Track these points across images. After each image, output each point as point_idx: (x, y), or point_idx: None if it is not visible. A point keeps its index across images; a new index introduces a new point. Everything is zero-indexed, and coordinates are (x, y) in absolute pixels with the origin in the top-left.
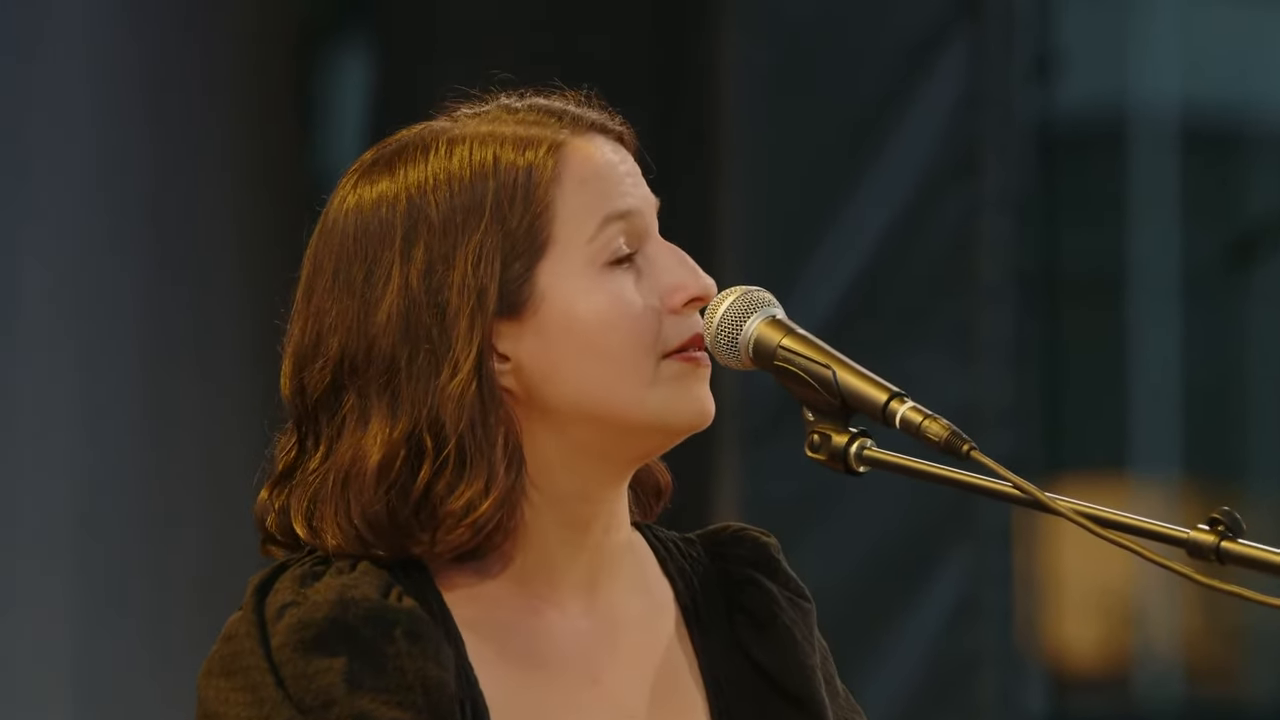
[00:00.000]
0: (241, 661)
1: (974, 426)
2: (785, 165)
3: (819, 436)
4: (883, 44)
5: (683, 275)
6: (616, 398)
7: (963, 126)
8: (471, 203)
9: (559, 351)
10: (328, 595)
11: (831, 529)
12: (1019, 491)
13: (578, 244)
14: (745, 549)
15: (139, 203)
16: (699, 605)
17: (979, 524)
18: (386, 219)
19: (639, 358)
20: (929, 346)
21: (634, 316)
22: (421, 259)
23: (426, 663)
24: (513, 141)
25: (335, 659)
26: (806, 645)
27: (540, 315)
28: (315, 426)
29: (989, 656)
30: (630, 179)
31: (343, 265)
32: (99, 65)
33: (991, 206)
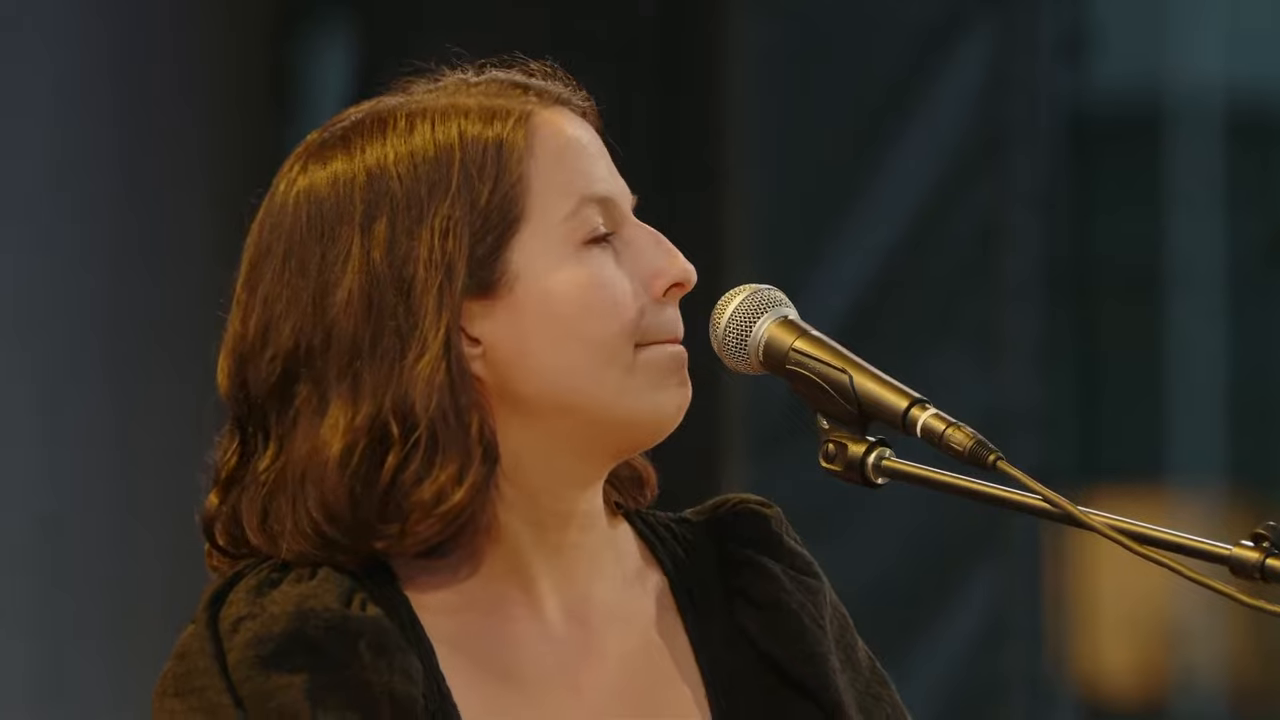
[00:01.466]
0: (196, 681)
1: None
2: (797, 155)
3: (834, 446)
4: (901, 23)
5: (662, 259)
6: (593, 385)
7: (987, 112)
8: (437, 175)
9: (534, 332)
10: (285, 606)
11: (847, 545)
12: (1049, 504)
13: (553, 220)
14: (745, 526)
15: (106, 201)
16: (694, 591)
17: (1006, 540)
18: (344, 196)
19: (618, 343)
20: (952, 349)
21: (614, 299)
22: (384, 234)
23: (393, 676)
24: (478, 113)
25: (295, 675)
26: (816, 630)
27: (514, 294)
28: (264, 423)
29: (1017, 682)
30: (603, 161)
31: (295, 247)
32: (61, 53)
33: (1018, 199)
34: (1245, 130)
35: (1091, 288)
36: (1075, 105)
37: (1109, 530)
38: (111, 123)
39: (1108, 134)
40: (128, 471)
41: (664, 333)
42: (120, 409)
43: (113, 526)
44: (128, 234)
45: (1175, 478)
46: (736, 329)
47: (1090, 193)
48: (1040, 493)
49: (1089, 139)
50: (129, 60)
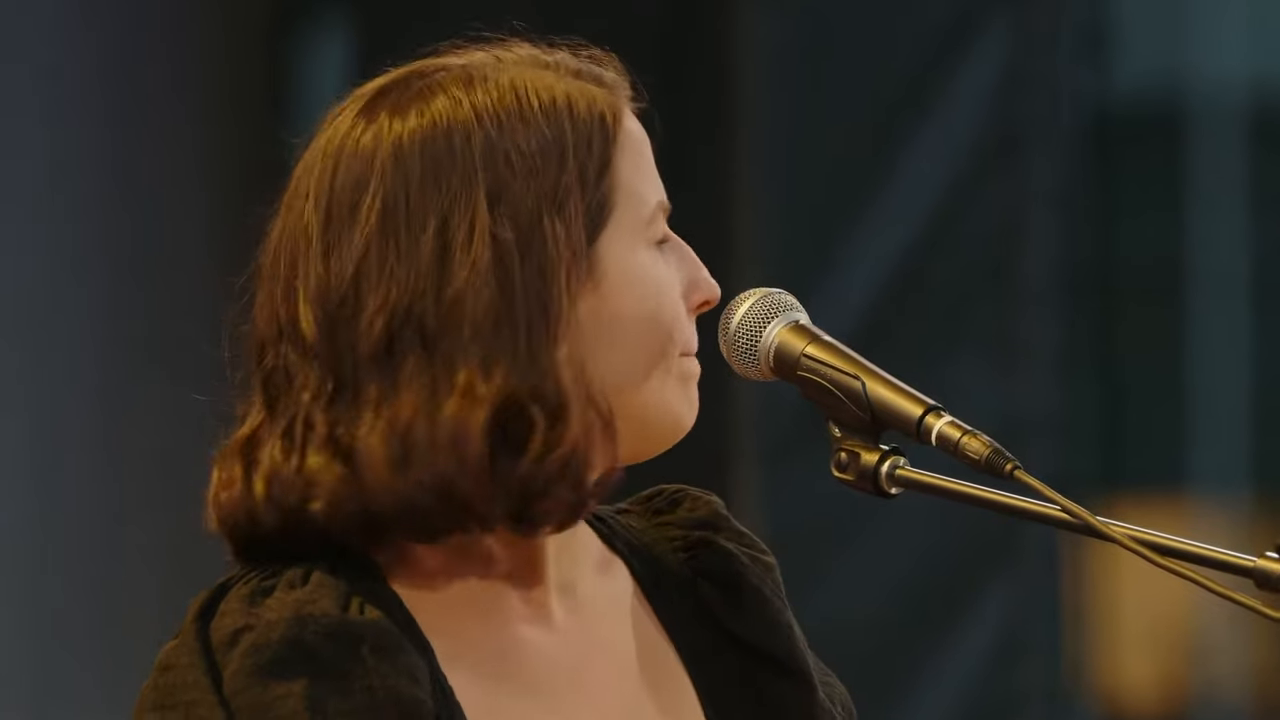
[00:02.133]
0: (183, 695)
1: (1018, 442)
2: (808, 155)
3: (846, 454)
4: (916, 20)
5: (699, 273)
6: (645, 379)
7: (1004, 112)
8: (556, 151)
9: (612, 323)
10: (282, 613)
11: (860, 556)
12: (1067, 515)
13: (637, 217)
14: (688, 509)
15: (100, 202)
16: (658, 576)
17: (1023, 551)
18: (462, 154)
19: (670, 343)
20: (968, 354)
21: (674, 299)
22: (514, 205)
23: (399, 680)
24: (574, 91)
25: (294, 683)
26: (778, 602)
27: (601, 287)
28: (359, 380)
29: (1035, 697)
30: None
31: (402, 201)
32: (54, 52)
33: (1037, 199)
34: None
35: (1111, 291)
36: (1095, 104)
37: (1129, 541)
38: (105, 123)
39: (1128, 133)
40: (120, 474)
41: (692, 344)
42: (114, 410)
43: (103, 529)
44: (122, 235)
45: (1198, 487)
46: (746, 334)
47: (1110, 194)
48: (1059, 502)
49: (1109, 138)
50: (123, 59)
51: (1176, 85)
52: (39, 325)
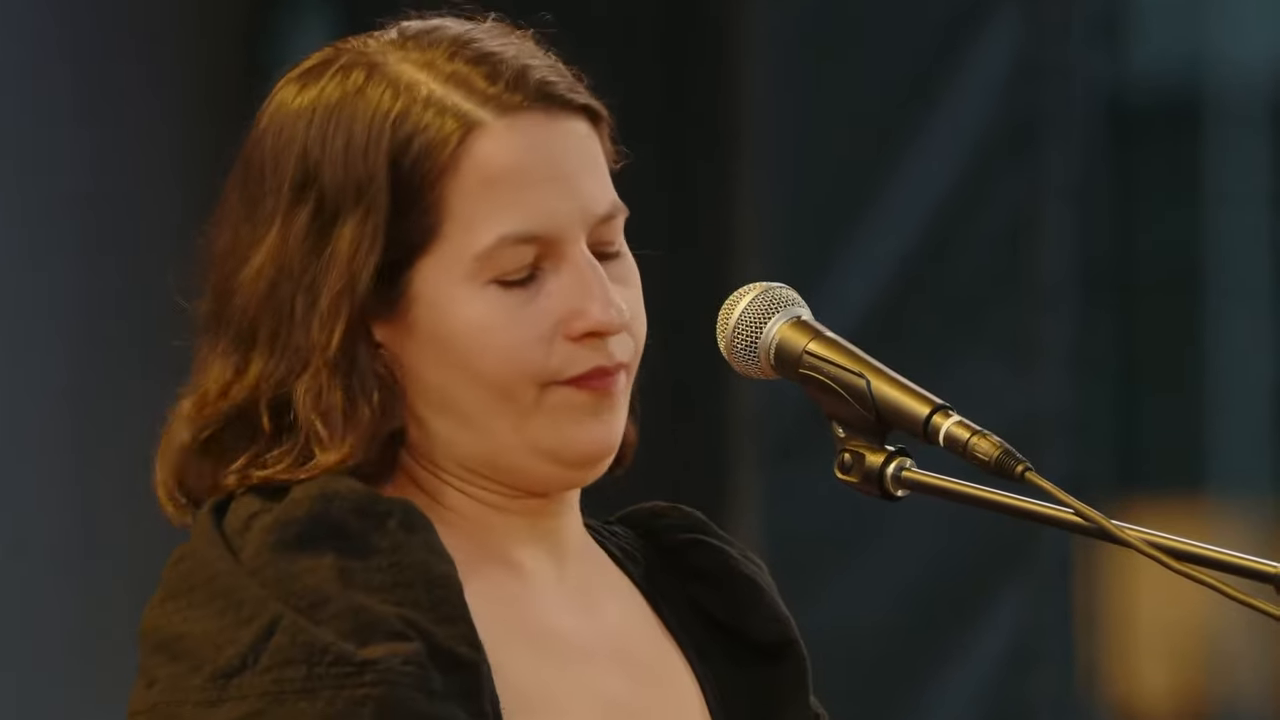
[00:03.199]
0: (203, 573)
1: (1030, 443)
2: (814, 145)
3: (851, 456)
4: (924, 9)
5: (582, 301)
6: (486, 421)
7: (1017, 102)
8: (364, 173)
9: (427, 360)
10: (308, 492)
11: (866, 562)
12: (1082, 518)
13: (463, 251)
14: (673, 519)
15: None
16: (655, 581)
17: (1036, 556)
18: (280, 159)
19: (513, 385)
20: (979, 353)
21: (510, 343)
22: (304, 224)
23: (428, 555)
24: (425, 104)
25: (323, 556)
26: (773, 593)
27: (410, 317)
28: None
29: (1048, 706)
30: (558, 184)
31: (245, 180)
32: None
33: (1051, 192)
34: None
35: (1128, 287)
36: (1110, 93)
37: (1145, 545)
38: (78, 120)
39: (1145, 123)
40: (92, 472)
41: (576, 368)
42: (86, 409)
43: (75, 528)
44: (95, 233)
45: (1217, 489)
46: (746, 330)
47: (1127, 187)
48: (1072, 505)
49: (1125, 129)
50: (96, 56)
51: (1195, 72)
52: (11, 324)
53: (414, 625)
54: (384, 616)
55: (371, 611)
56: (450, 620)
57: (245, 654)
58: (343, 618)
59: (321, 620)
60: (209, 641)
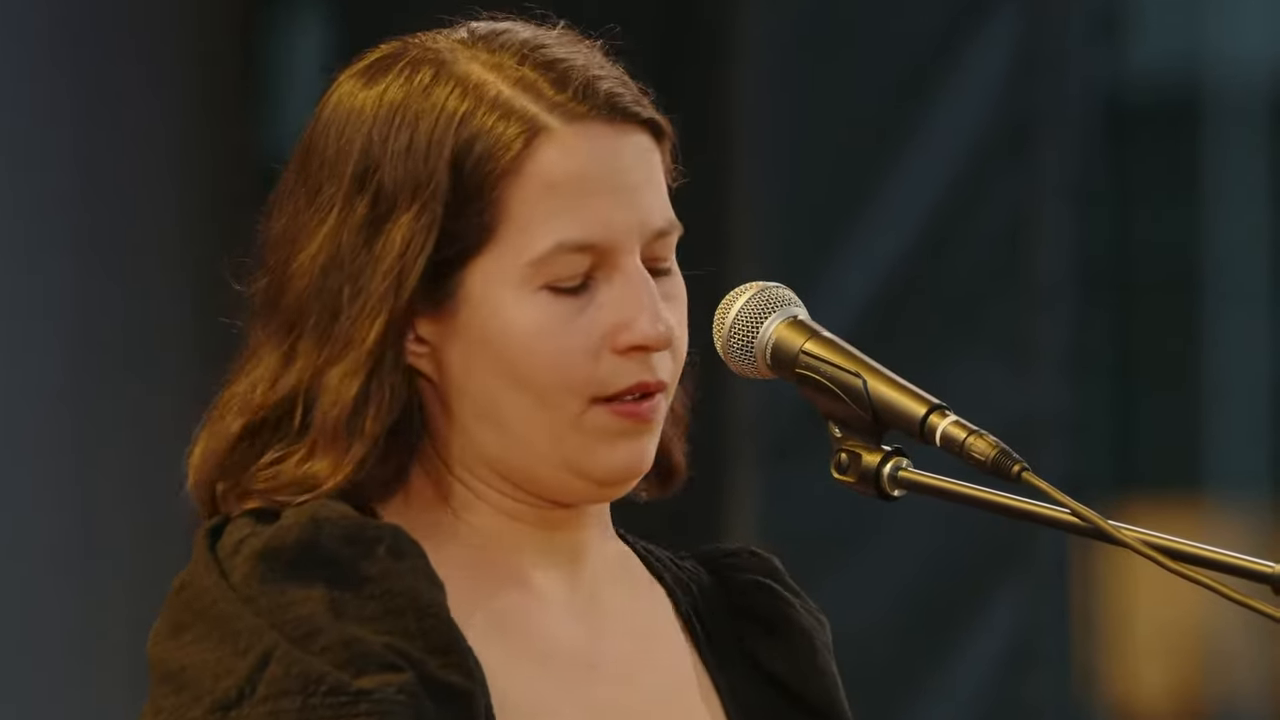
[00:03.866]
0: (200, 602)
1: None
2: (810, 144)
3: (847, 456)
4: (921, 6)
5: (632, 314)
6: (528, 431)
7: (1015, 99)
8: (424, 169)
9: (474, 356)
10: (298, 518)
11: (863, 563)
12: (1078, 519)
13: (519, 255)
14: (745, 560)
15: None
16: (700, 613)
17: (1033, 557)
18: (345, 152)
19: (559, 396)
20: (977, 352)
21: (559, 351)
22: (361, 215)
23: (417, 582)
24: (491, 105)
25: (313, 588)
26: (826, 654)
27: (460, 317)
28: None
29: (1045, 708)
30: (618, 194)
31: (302, 174)
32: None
33: (1049, 191)
34: None
35: (1126, 286)
36: (1110, 91)
37: (1142, 546)
38: (74, 120)
39: (1144, 121)
40: (89, 474)
41: (620, 383)
42: (82, 411)
43: (72, 529)
44: (92, 233)
45: (1215, 489)
46: (742, 330)
47: (1125, 185)
48: (1069, 506)
49: (1124, 127)
50: (93, 55)
51: (1194, 70)
52: (8, 324)
53: (405, 655)
54: (374, 647)
55: (363, 643)
56: (441, 649)
57: (242, 685)
58: (335, 649)
59: (314, 651)
60: (208, 672)
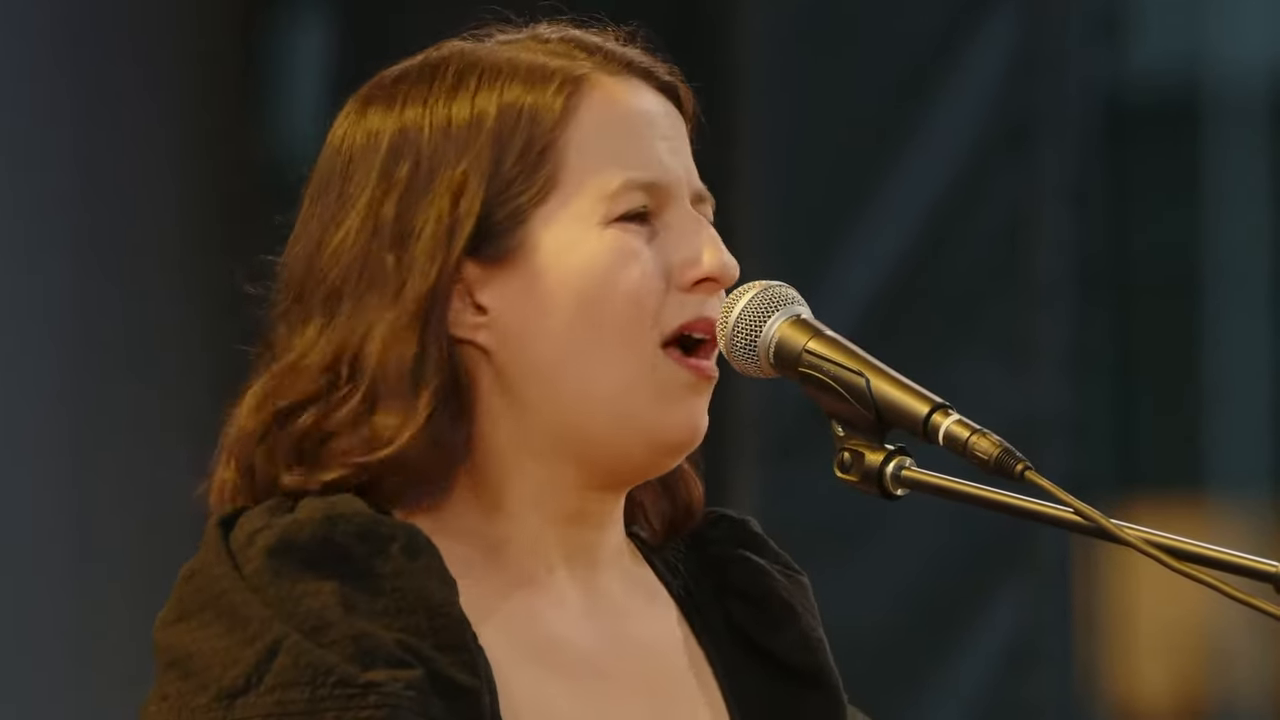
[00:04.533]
0: (210, 590)
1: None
2: (811, 143)
3: (850, 454)
4: (921, 6)
5: (697, 248)
6: (599, 387)
7: (1014, 99)
8: (467, 136)
9: (543, 305)
10: (312, 514)
11: (865, 561)
12: (1081, 518)
13: (586, 195)
14: (723, 530)
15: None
16: (694, 595)
17: (1035, 555)
18: (373, 145)
19: (633, 329)
20: (978, 352)
21: (637, 275)
22: (401, 184)
23: (429, 580)
24: (526, 72)
25: (325, 581)
26: (810, 618)
27: (529, 265)
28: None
29: (1047, 708)
30: (666, 142)
31: (321, 186)
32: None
33: (1048, 191)
34: None
35: (1126, 287)
36: (1109, 91)
37: (1145, 545)
38: (74, 120)
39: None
40: (88, 475)
41: (688, 317)
42: (81, 411)
43: (71, 530)
44: (91, 234)
45: (1217, 489)
46: (745, 329)
47: (1124, 185)
48: (1071, 505)
49: (1123, 127)
50: (93, 55)
51: (1193, 71)
52: (5, 326)
53: (414, 652)
54: (385, 643)
55: (373, 638)
56: (451, 648)
57: (249, 674)
58: (344, 643)
59: (324, 644)
60: (216, 660)
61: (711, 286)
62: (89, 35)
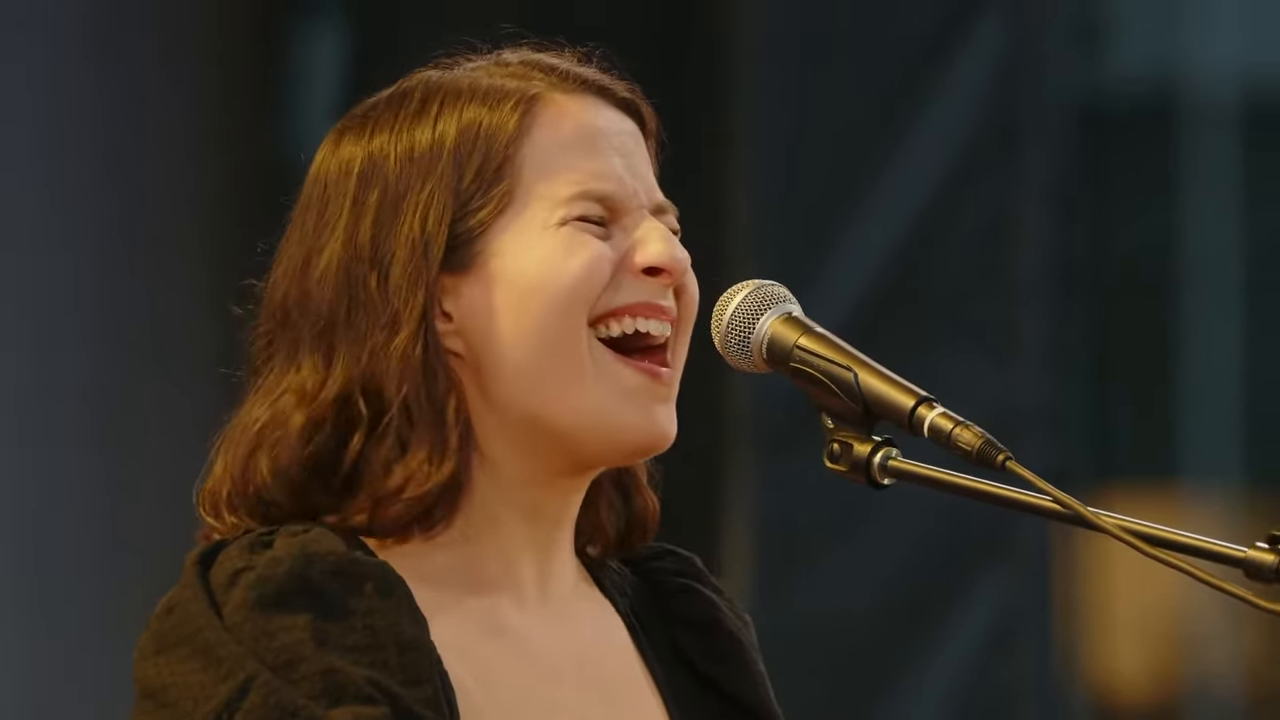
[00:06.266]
0: (187, 627)
1: (1010, 434)
2: (802, 146)
3: (839, 446)
4: (910, 13)
5: (648, 240)
6: (553, 382)
7: (998, 103)
8: (429, 159)
9: (499, 301)
10: (289, 550)
11: (853, 549)
12: (1060, 506)
13: (540, 205)
14: (669, 563)
15: (91, 194)
16: (640, 618)
17: (1015, 543)
18: (345, 172)
19: (573, 307)
20: (961, 347)
21: (585, 258)
22: (371, 210)
23: (400, 618)
24: (484, 94)
25: (299, 616)
26: (753, 652)
27: (486, 269)
28: (253, 377)
29: (1026, 689)
30: (619, 157)
31: (299, 215)
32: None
33: (1030, 192)
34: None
35: (1104, 284)
36: (1088, 98)
37: (1121, 532)
38: (100, 120)
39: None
40: (115, 469)
41: (632, 298)
42: (108, 407)
43: (99, 525)
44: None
45: (1190, 479)
46: (739, 326)
47: (1103, 188)
48: (1050, 494)
49: (1102, 132)
50: (119, 56)
51: (1169, 79)
52: (34, 322)
53: (381, 688)
54: (354, 679)
55: (342, 674)
56: (417, 682)
57: (220, 710)
58: (314, 679)
59: (294, 679)
60: (190, 695)
61: (664, 278)
62: (117, 37)
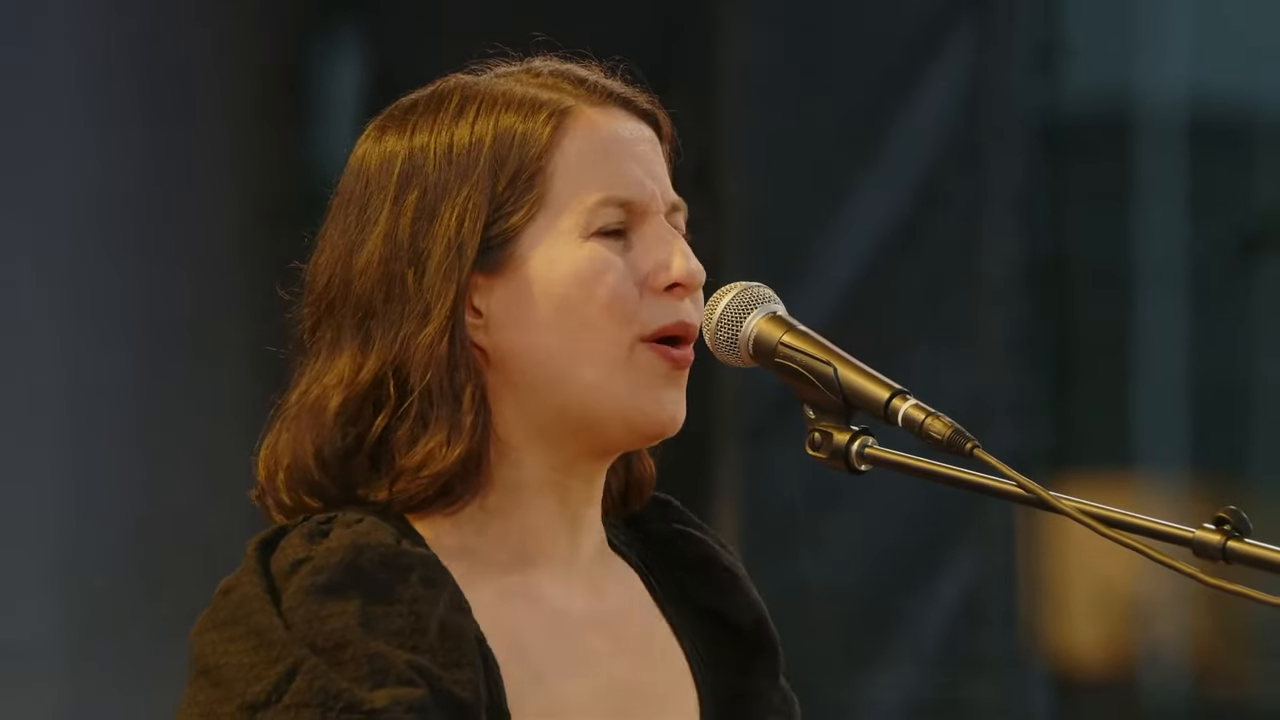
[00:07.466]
0: (244, 609)
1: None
2: (784, 157)
3: (820, 434)
4: (884, 32)
5: (668, 255)
6: (581, 373)
7: (967, 118)
8: (467, 162)
9: (531, 308)
10: (341, 543)
11: (830, 531)
12: (1023, 490)
13: (569, 212)
14: (656, 510)
15: (133, 200)
16: (650, 567)
17: (983, 524)
18: (387, 170)
19: (612, 328)
20: (933, 343)
21: (609, 284)
22: (410, 209)
23: (442, 606)
24: (519, 103)
25: (349, 602)
26: (748, 581)
27: (518, 273)
28: (301, 360)
29: (993, 659)
30: (640, 165)
31: (342, 207)
32: (92, 59)
33: (996, 200)
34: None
35: (1065, 286)
36: (1050, 113)
37: (1079, 514)
38: (142, 124)
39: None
40: (156, 466)
41: (664, 321)
42: (149, 404)
43: (142, 519)
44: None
45: (1142, 466)
46: (728, 325)
47: (1063, 195)
48: (1015, 479)
49: (1062, 145)
50: (160, 65)
51: (1124, 96)
52: (77, 320)
53: (423, 671)
54: (396, 663)
55: (385, 658)
56: (458, 665)
57: (270, 691)
58: (359, 662)
59: (341, 662)
60: (242, 675)
61: (681, 292)
62: (158, 50)
